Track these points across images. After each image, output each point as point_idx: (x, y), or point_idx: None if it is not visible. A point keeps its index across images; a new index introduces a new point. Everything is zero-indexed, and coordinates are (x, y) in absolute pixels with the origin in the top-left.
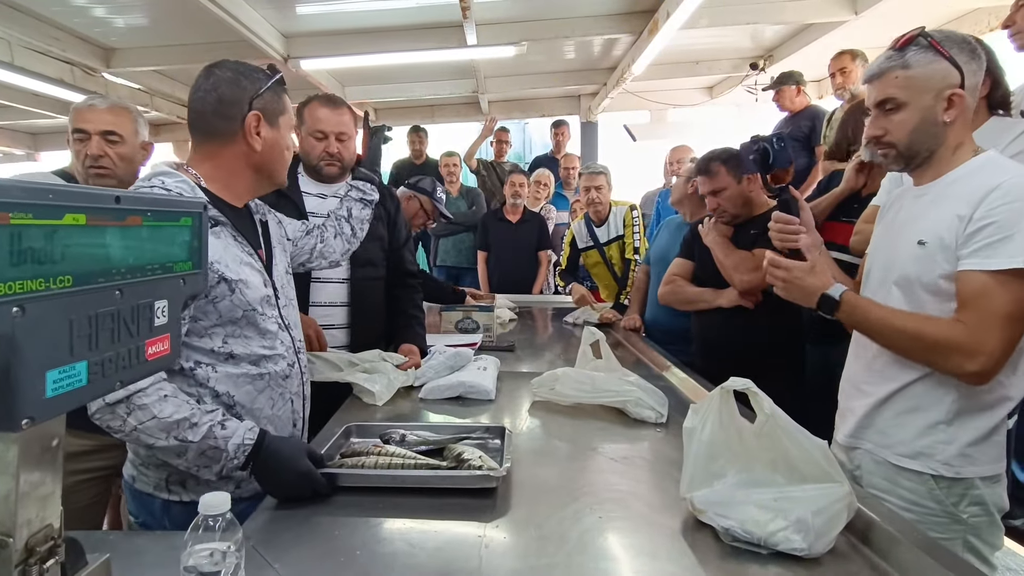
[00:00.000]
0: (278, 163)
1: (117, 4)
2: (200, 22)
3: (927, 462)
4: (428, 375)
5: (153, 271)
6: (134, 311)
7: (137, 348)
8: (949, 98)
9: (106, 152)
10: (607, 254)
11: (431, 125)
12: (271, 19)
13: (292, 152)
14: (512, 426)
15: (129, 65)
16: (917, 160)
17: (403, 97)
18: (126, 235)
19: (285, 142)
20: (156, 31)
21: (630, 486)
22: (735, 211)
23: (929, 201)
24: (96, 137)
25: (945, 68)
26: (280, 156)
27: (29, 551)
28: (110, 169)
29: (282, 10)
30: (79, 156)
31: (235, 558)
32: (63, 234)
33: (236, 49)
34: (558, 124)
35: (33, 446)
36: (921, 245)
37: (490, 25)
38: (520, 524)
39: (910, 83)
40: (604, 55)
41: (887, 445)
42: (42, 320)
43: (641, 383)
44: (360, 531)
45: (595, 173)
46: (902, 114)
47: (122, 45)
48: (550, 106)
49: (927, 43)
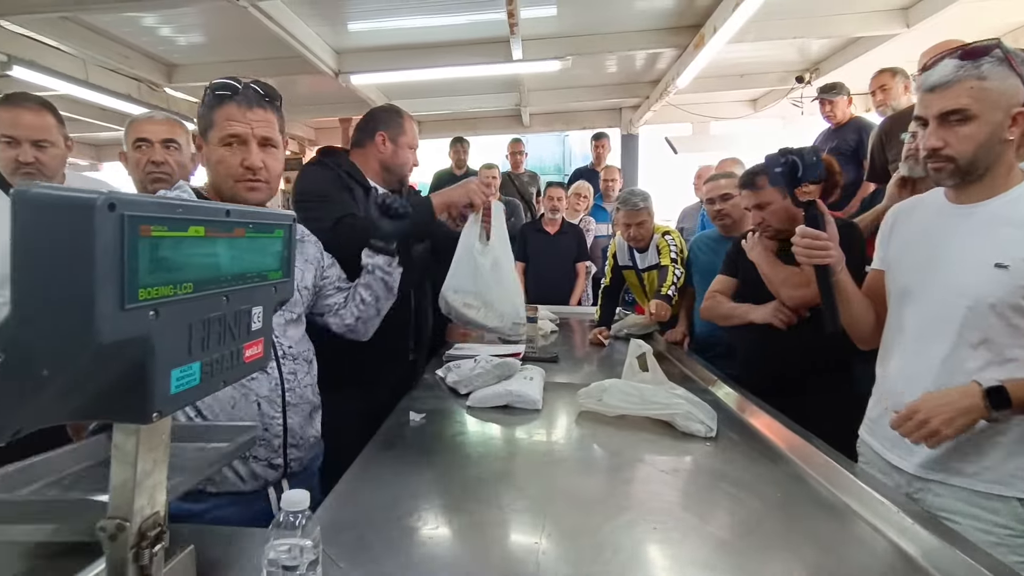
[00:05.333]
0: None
1: (181, 24)
2: (256, 39)
3: (1016, 485)
4: (475, 383)
5: (252, 279)
6: (236, 316)
7: (238, 351)
8: (1015, 116)
9: (167, 159)
10: (644, 280)
11: (472, 137)
12: (324, 36)
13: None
14: (559, 436)
15: (189, 80)
16: (972, 176)
17: (447, 110)
18: (232, 245)
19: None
20: (214, 48)
21: (680, 498)
22: (779, 226)
23: (984, 221)
24: (158, 144)
25: (1016, 85)
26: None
27: (141, 535)
28: (169, 175)
29: (335, 26)
30: (139, 163)
31: (313, 554)
32: (187, 245)
33: (290, 65)
34: (599, 136)
35: (149, 439)
36: (1002, 268)
37: (536, 40)
38: (574, 533)
39: (984, 95)
40: (647, 68)
41: (971, 474)
42: (170, 323)
43: (690, 396)
44: (418, 534)
45: (635, 210)
46: (971, 127)
47: (184, 61)
48: (591, 118)
49: (1003, 56)
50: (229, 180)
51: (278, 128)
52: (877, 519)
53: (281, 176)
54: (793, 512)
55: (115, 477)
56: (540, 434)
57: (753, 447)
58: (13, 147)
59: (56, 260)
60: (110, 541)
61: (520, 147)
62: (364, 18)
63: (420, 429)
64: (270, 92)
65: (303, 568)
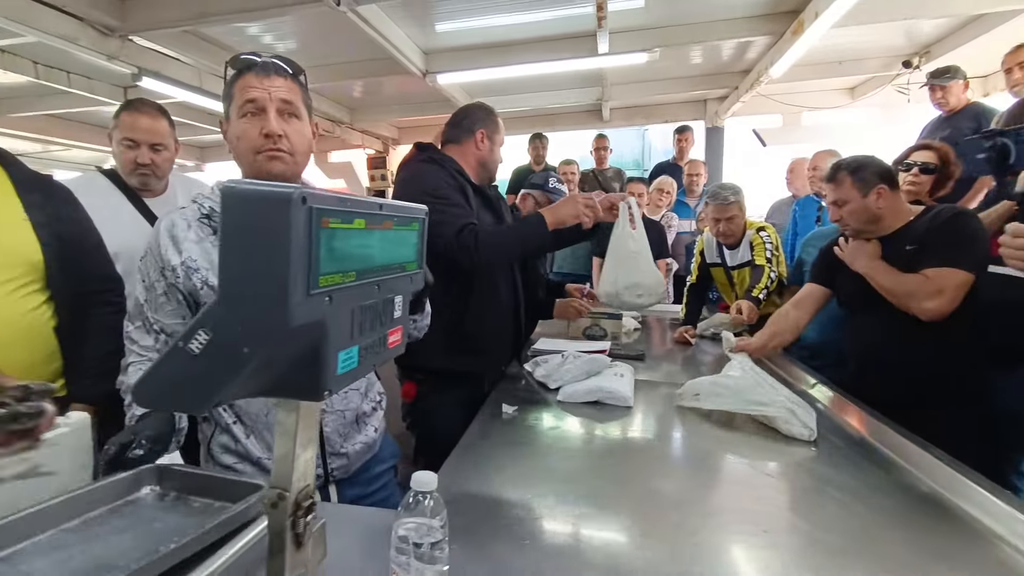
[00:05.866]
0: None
1: (280, 31)
2: (347, 42)
3: None
4: (565, 378)
5: (395, 269)
6: (384, 304)
7: (384, 337)
8: None
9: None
10: (734, 278)
11: (550, 132)
12: (414, 36)
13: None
14: (653, 434)
15: None
16: None
17: (526, 107)
18: (383, 237)
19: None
20: (308, 53)
21: (787, 501)
22: (858, 226)
23: None
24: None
25: None
26: (236, 148)
27: (297, 505)
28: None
29: (423, 27)
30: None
31: (441, 534)
32: (352, 236)
33: (380, 66)
34: (682, 130)
35: (307, 417)
36: None
37: (623, 33)
38: (677, 532)
39: None
40: (736, 58)
41: None
42: (338, 309)
43: (792, 396)
44: (522, 523)
45: (725, 204)
46: None
47: None
48: (673, 111)
49: None
50: (250, 154)
51: (302, 101)
52: None
53: (308, 155)
54: (914, 525)
55: (278, 450)
56: (633, 431)
57: (859, 453)
58: (133, 149)
59: (257, 248)
60: (271, 509)
61: (605, 143)
62: (452, 18)
63: (513, 421)
64: (291, 64)
65: (428, 547)
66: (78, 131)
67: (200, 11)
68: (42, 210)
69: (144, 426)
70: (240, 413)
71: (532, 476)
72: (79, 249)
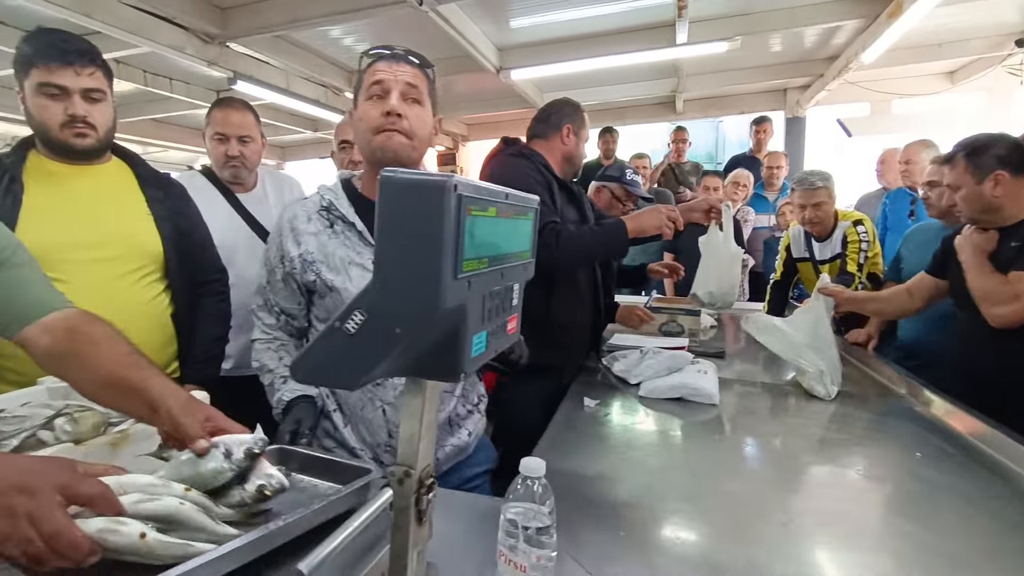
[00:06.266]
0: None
1: (360, 33)
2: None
3: None
4: (646, 374)
5: (515, 257)
6: (506, 291)
7: (504, 323)
8: None
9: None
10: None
11: (620, 126)
12: (489, 34)
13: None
14: (742, 433)
15: None
16: None
17: (597, 100)
18: (507, 226)
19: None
20: None
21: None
22: (971, 214)
23: None
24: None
25: None
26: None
27: (420, 483)
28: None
29: (498, 24)
30: (344, 163)
31: (549, 519)
32: (487, 224)
33: (454, 64)
34: (760, 121)
35: (432, 398)
36: None
37: (703, 22)
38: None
39: None
40: (821, 44)
41: None
42: (475, 294)
43: (832, 360)
44: (621, 516)
45: (812, 189)
46: None
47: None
48: (750, 102)
49: None
50: (369, 133)
51: (426, 92)
52: None
53: (427, 143)
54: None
55: (404, 431)
56: (720, 429)
57: (969, 458)
58: (223, 143)
59: (412, 234)
60: (398, 485)
61: (684, 135)
62: (527, 14)
63: (595, 414)
64: (420, 56)
65: (535, 531)
66: (173, 133)
67: (293, 16)
68: (162, 205)
69: (303, 414)
70: (340, 403)
71: (621, 469)
72: (192, 242)
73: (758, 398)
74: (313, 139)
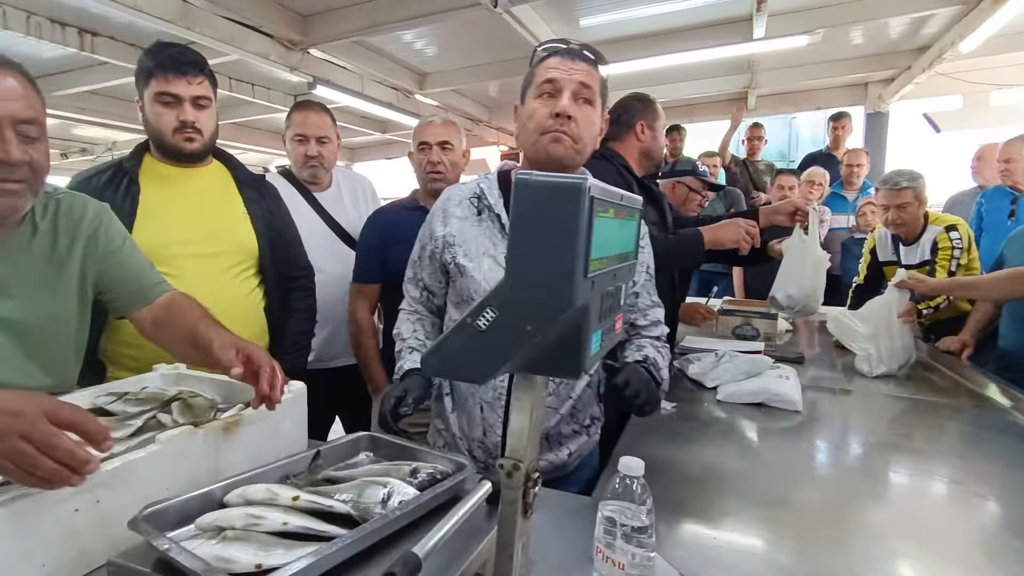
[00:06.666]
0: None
1: (429, 37)
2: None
3: None
4: (723, 378)
5: (624, 258)
6: (616, 292)
7: (613, 323)
8: None
9: (442, 159)
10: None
11: (688, 124)
12: (559, 33)
13: None
14: (829, 443)
15: (435, 87)
16: None
17: (666, 98)
18: (620, 227)
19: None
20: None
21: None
22: None
23: None
24: (435, 147)
25: None
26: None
27: (527, 476)
28: (443, 174)
29: (568, 24)
30: (421, 164)
31: (648, 519)
32: (607, 225)
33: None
34: (838, 117)
35: (539, 393)
36: None
37: (782, 15)
38: (872, 543)
39: None
40: (909, 35)
41: None
42: (596, 294)
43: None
44: (712, 520)
45: (896, 190)
46: None
47: (431, 69)
48: (827, 97)
49: None
50: (535, 134)
51: (598, 91)
52: None
53: (593, 144)
54: None
55: (514, 424)
56: (805, 436)
57: None
58: (303, 144)
59: (546, 234)
60: (507, 478)
61: (760, 132)
62: (597, 12)
63: (672, 417)
64: (595, 51)
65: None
66: (251, 136)
67: (371, 22)
68: (257, 205)
69: (412, 386)
70: (453, 388)
71: (706, 473)
72: (283, 240)
73: (841, 405)
74: (380, 140)
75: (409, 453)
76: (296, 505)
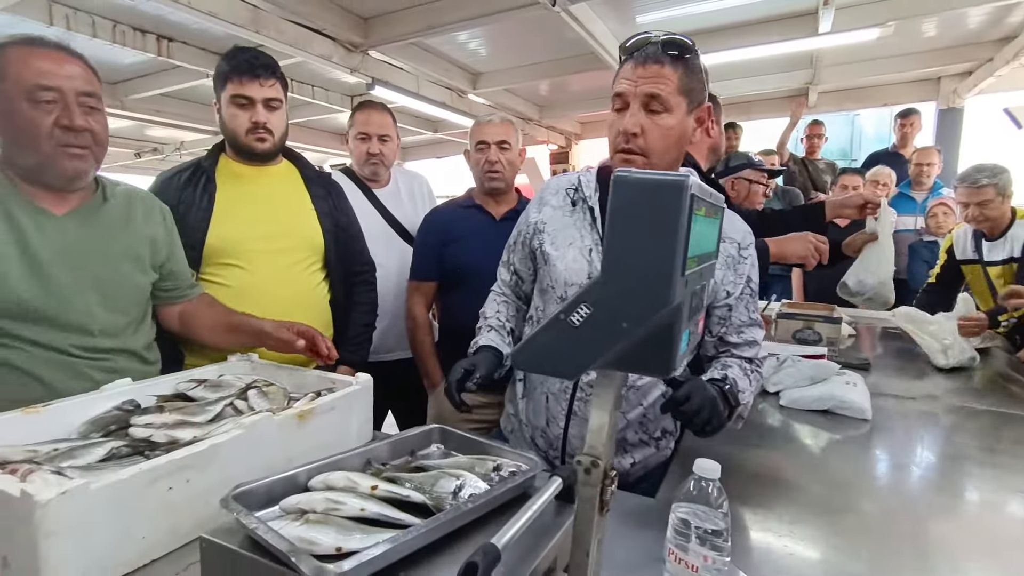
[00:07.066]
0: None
1: (486, 36)
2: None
3: None
4: (785, 383)
5: (708, 257)
6: (701, 291)
7: (697, 323)
8: None
9: (500, 158)
10: (991, 276)
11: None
12: (615, 31)
13: None
14: (902, 454)
15: (488, 86)
16: None
17: (723, 95)
18: (708, 226)
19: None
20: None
21: None
22: None
23: None
24: (494, 146)
25: None
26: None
27: (605, 474)
28: (501, 172)
29: (624, 22)
30: (479, 164)
31: (724, 523)
32: (700, 224)
33: (578, 63)
34: (906, 114)
35: (620, 390)
36: None
37: (850, 8)
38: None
39: None
40: (991, 25)
41: None
42: (687, 292)
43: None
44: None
45: (974, 187)
46: None
47: (485, 69)
48: (894, 93)
49: None
50: (611, 150)
51: (676, 90)
52: None
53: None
54: None
55: (594, 421)
56: (875, 445)
57: None
58: (365, 142)
59: (645, 232)
60: (585, 474)
61: (820, 130)
62: (654, 8)
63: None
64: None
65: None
66: (309, 136)
67: (428, 23)
68: (324, 202)
69: (482, 362)
70: (525, 374)
71: (772, 479)
72: (348, 236)
73: (911, 414)
74: (432, 140)
75: (477, 446)
76: (375, 493)
